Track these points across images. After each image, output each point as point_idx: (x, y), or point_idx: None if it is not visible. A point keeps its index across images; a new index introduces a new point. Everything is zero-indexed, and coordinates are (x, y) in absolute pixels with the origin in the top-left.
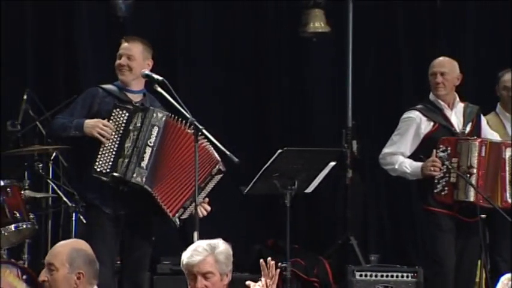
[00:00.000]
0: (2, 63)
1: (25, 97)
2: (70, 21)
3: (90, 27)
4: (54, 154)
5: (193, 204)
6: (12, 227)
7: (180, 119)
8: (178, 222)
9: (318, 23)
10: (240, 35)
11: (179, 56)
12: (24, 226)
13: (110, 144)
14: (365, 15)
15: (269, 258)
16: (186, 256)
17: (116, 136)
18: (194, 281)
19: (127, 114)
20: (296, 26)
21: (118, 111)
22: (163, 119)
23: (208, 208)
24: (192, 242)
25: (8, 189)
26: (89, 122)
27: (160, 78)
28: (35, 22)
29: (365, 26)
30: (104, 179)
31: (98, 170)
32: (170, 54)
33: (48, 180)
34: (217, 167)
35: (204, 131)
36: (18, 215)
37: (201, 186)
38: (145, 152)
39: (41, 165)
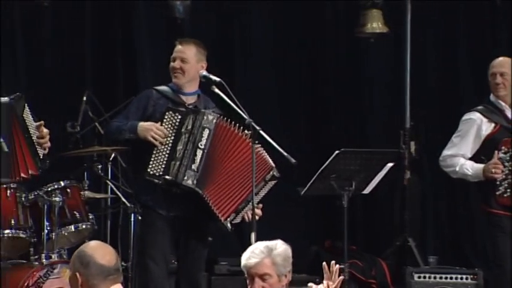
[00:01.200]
0: (63, 65)
1: (84, 98)
2: (129, 22)
3: (148, 28)
4: (113, 155)
5: (246, 209)
6: (72, 227)
7: (232, 121)
8: (229, 227)
9: (375, 24)
10: (297, 35)
11: (236, 57)
12: (84, 226)
13: (162, 147)
14: (423, 14)
15: (333, 262)
16: (244, 258)
17: (168, 139)
18: (252, 282)
19: (179, 116)
20: (353, 26)
21: (171, 114)
22: (214, 121)
23: (260, 213)
24: (250, 243)
25: (68, 190)
26: (142, 125)
27: (217, 79)
28: (94, 22)
29: (423, 26)
30: (157, 181)
31: (151, 172)
32: (227, 55)
33: (107, 181)
34: (271, 172)
35: (261, 132)
36: (77, 215)
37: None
38: (196, 155)
39: (100, 166)
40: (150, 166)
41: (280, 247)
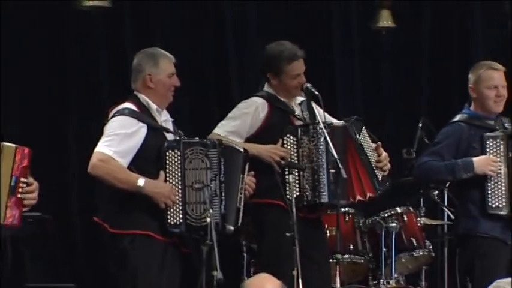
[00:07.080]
0: (399, 90)
1: (420, 125)
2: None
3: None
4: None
5: None
6: (409, 253)
7: None
8: None
9: None
10: None
11: None
12: (421, 253)
13: (497, 177)
14: None
15: None
16: None
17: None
18: None
19: (501, 142)
20: None
21: (492, 142)
22: None
23: None
24: None
25: (405, 216)
26: (478, 161)
27: None
28: (429, 47)
29: None
30: (502, 213)
31: (494, 206)
32: None
33: (444, 208)
34: None
35: None
36: (414, 241)
37: None
38: None
39: (436, 192)
40: (491, 200)
41: None
